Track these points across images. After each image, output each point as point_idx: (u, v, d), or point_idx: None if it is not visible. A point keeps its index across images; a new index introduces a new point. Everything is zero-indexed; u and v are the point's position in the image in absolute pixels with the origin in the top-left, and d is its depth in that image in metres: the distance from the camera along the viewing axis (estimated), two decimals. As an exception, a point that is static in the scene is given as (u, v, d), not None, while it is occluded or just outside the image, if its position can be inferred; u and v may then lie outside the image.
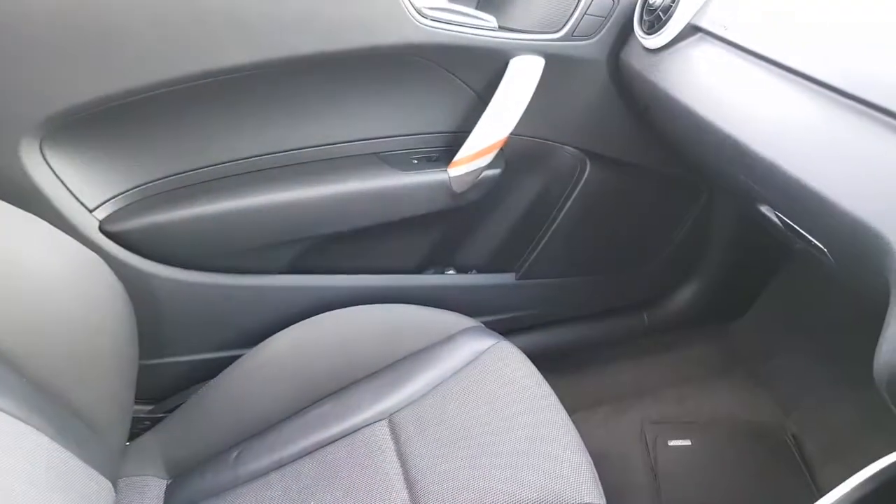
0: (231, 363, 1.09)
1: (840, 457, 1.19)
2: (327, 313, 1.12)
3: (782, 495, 1.17)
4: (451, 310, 1.15)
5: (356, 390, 1.05)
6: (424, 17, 0.99)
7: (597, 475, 0.85)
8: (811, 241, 0.85)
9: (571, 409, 0.94)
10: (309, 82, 1.03)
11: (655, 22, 1.04)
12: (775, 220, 0.93)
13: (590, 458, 0.87)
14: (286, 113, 1.05)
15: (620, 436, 1.36)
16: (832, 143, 0.76)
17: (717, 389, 1.48)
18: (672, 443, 1.32)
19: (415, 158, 1.17)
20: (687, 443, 1.32)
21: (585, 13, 1.07)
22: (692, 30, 1.01)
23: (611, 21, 1.10)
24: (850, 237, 0.73)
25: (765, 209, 0.95)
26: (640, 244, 1.46)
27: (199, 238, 1.07)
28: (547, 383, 0.98)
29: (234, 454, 1.03)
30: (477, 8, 1.09)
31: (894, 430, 1.00)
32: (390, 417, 0.99)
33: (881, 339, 0.66)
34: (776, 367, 1.49)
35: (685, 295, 1.57)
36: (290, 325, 1.10)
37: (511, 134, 1.13)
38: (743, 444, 1.33)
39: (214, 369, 1.11)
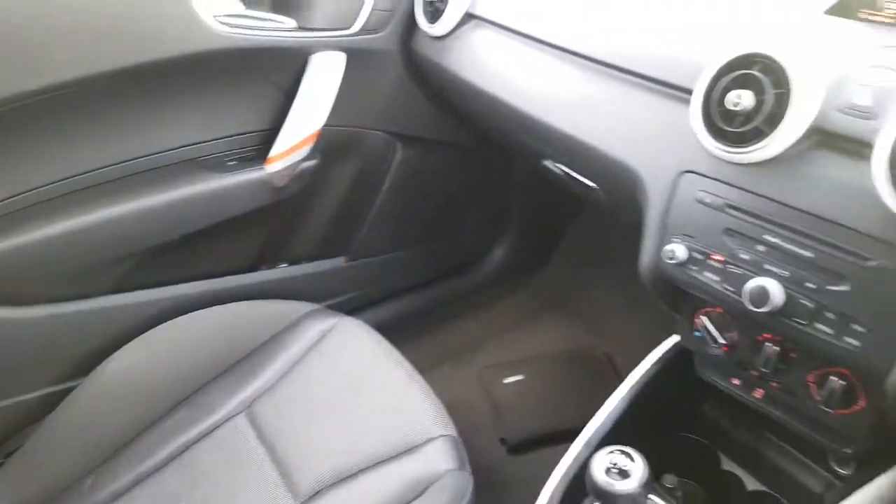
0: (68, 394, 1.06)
1: (642, 359, 1.42)
2: (164, 324, 1.12)
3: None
4: (294, 299, 1.20)
5: (209, 391, 1.07)
6: (221, 24, 1.03)
7: (446, 413, 0.96)
8: (586, 184, 1.03)
9: (420, 370, 1.04)
10: (118, 96, 1.02)
11: (436, 13, 1.16)
12: (557, 171, 1.10)
13: (439, 401, 0.98)
14: (98, 130, 1.04)
15: (464, 384, 1.50)
16: (591, 103, 0.94)
17: (538, 328, 1.67)
18: (507, 380, 1.49)
19: (232, 160, 1.20)
20: (520, 377, 1.50)
21: (374, 9, 1.17)
22: (469, 17, 1.15)
23: (397, 14, 1.21)
24: (613, 174, 0.90)
25: (548, 163, 1.12)
26: (456, 213, 1.60)
27: (12, 271, 1.02)
28: (394, 348, 1.08)
29: (89, 482, 1.01)
30: (274, 12, 1.14)
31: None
32: (248, 409, 1.03)
33: (641, 250, 0.84)
34: (583, 299, 1.71)
35: (500, 252, 1.75)
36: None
37: (324, 126, 1.20)
38: (566, 369, 1.53)
39: (52, 404, 1.07)
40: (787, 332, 0.74)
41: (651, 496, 0.85)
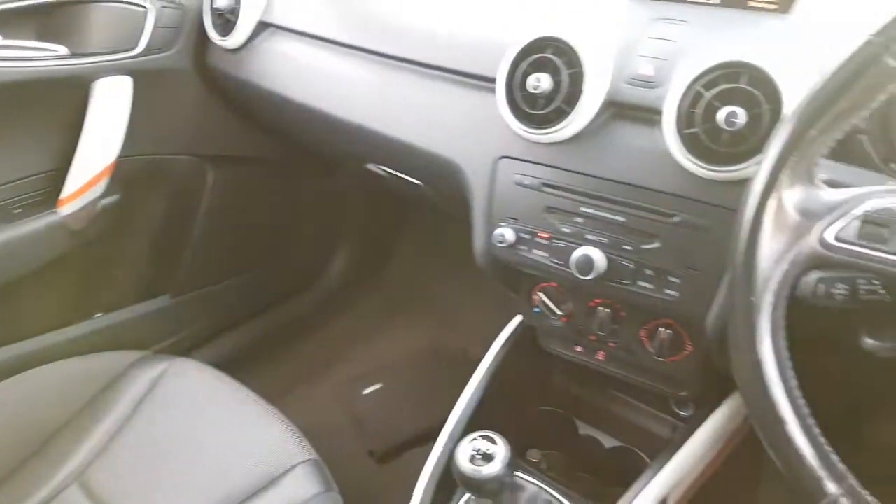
0: None
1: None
2: None
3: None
4: (116, 349, 1.09)
5: (30, 466, 0.95)
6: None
7: (304, 438, 0.91)
8: (412, 182, 1.03)
9: (271, 399, 0.98)
10: None
11: (227, 24, 1.10)
12: (382, 173, 1.09)
13: (294, 428, 0.93)
14: None
15: (321, 405, 1.45)
16: (399, 100, 0.93)
17: (390, 333, 1.66)
18: (366, 391, 1.46)
19: (18, 207, 1.06)
20: (378, 386, 1.47)
21: (157, 26, 1.08)
22: (263, 26, 1.10)
23: (185, 30, 1.13)
24: (434, 168, 0.91)
25: (371, 166, 1.11)
26: (285, 231, 1.54)
27: None
28: (238, 383, 1.01)
29: None
30: (41, 39, 1.02)
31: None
32: (80, 478, 0.92)
33: (473, 238, 0.86)
34: (430, 296, 1.72)
35: (338, 263, 1.71)
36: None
37: (119, 157, 1.10)
38: (423, 369, 1.53)
39: None
40: (615, 293, 0.78)
41: (517, 473, 0.88)
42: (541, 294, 0.88)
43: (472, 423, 0.91)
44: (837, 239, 0.48)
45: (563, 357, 0.96)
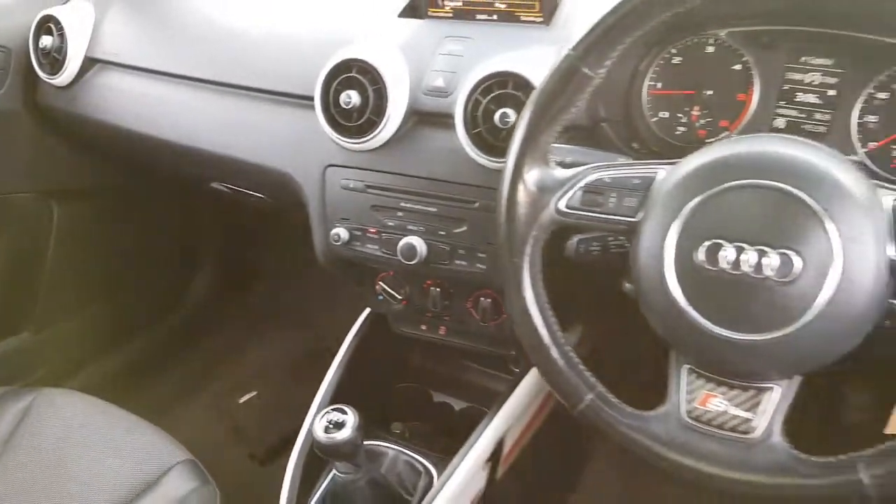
0: None
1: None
2: None
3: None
4: None
5: None
6: None
7: (178, 442, 0.98)
8: (254, 195, 1.11)
9: (148, 418, 1.03)
10: None
11: (55, 63, 1.13)
12: (225, 190, 1.17)
13: (166, 433, 0.99)
14: None
15: (199, 418, 1.50)
16: (229, 121, 1.02)
17: (260, 343, 1.72)
18: (242, 400, 1.52)
19: None
20: (253, 393, 1.54)
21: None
22: (91, 62, 1.14)
23: (11, 72, 1.15)
24: (271, 181, 1.00)
25: (215, 185, 1.18)
26: (144, 256, 1.56)
27: None
28: (111, 404, 1.04)
29: None
30: None
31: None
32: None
33: (314, 238, 0.96)
34: (296, 304, 1.79)
35: (202, 281, 1.75)
36: None
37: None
38: (293, 371, 1.61)
39: None
40: (438, 273, 0.92)
41: (379, 442, 1.00)
42: (381, 283, 1.00)
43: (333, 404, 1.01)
44: (567, 207, 0.63)
45: (413, 337, 1.09)
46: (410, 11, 0.96)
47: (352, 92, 0.87)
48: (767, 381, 0.59)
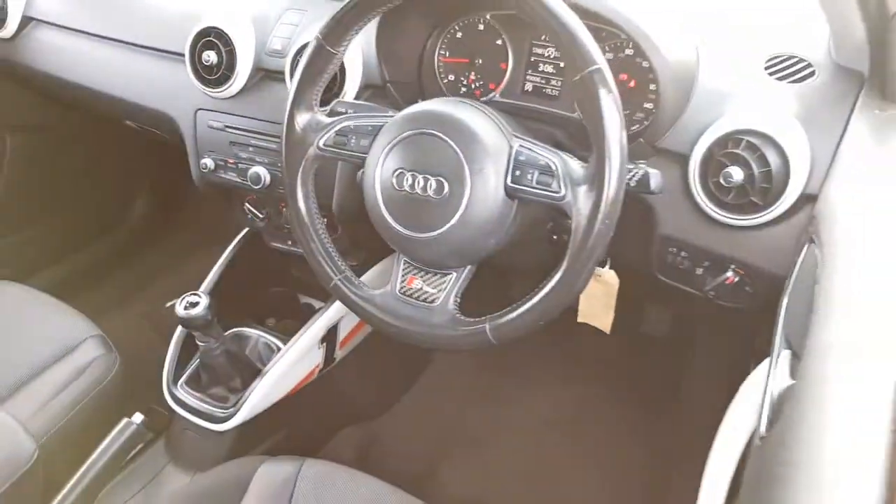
0: None
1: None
2: None
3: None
4: None
5: None
6: None
7: (92, 322, 1.25)
8: (153, 131, 1.38)
9: (90, 315, 1.28)
10: None
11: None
12: (135, 127, 1.43)
13: (84, 316, 1.26)
14: None
15: (132, 318, 1.78)
16: (129, 72, 1.27)
17: (192, 262, 2.00)
18: (167, 304, 1.82)
19: None
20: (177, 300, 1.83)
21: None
22: (28, 20, 1.39)
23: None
24: (161, 120, 1.26)
25: (128, 122, 1.44)
26: (89, 181, 1.83)
27: None
28: (41, 292, 1.32)
29: None
30: None
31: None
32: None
33: (190, 164, 1.23)
34: (208, 222, 2.02)
35: (143, 203, 2.01)
36: None
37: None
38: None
39: None
40: (282, 196, 1.19)
41: (246, 329, 1.28)
42: (247, 204, 1.28)
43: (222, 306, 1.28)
44: (325, 145, 0.89)
45: (281, 249, 1.36)
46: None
47: (210, 52, 1.12)
48: (445, 269, 0.86)
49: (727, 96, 0.86)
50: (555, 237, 0.97)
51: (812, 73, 0.84)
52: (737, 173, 0.79)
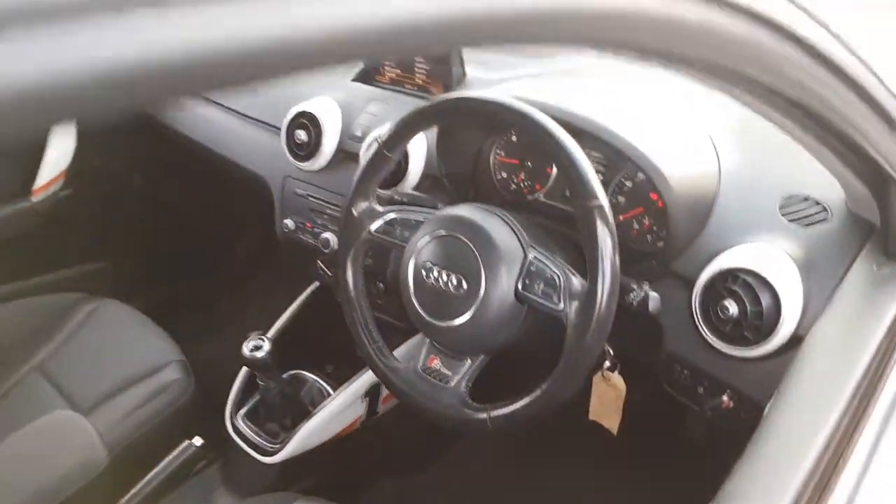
0: None
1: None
2: None
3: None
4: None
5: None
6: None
7: (177, 347, 1.45)
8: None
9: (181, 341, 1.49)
10: None
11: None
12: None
13: (172, 341, 1.46)
14: None
15: (220, 345, 2.00)
16: (240, 137, 1.48)
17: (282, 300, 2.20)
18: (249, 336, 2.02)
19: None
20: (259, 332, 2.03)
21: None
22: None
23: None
24: (256, 181, 1.45)
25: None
26: (198, 220, 2.07)
27: None
28: (142, 315, 1.53)
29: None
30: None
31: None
32: (40, 368, 1.46)
33: (276, 222, 1.41)
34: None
35: (244, 245, 2.25)
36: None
37: (70, 164, 1.64)
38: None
39: None
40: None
41: (303, 371, 1.43)
42: (319, 262, 1.44)
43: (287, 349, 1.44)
44: (376, 231, 1.02)
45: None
46: (361, 77, 1.37)
47: (302, 131, 1.29)
48: (462, 355, 0.96)
49: (738, 230, 0.92)
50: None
51: (825, 219, 0.89)
52: (732, 307, 0.84)
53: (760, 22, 0.45)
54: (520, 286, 0.88)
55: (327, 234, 1.31)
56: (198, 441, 1.31)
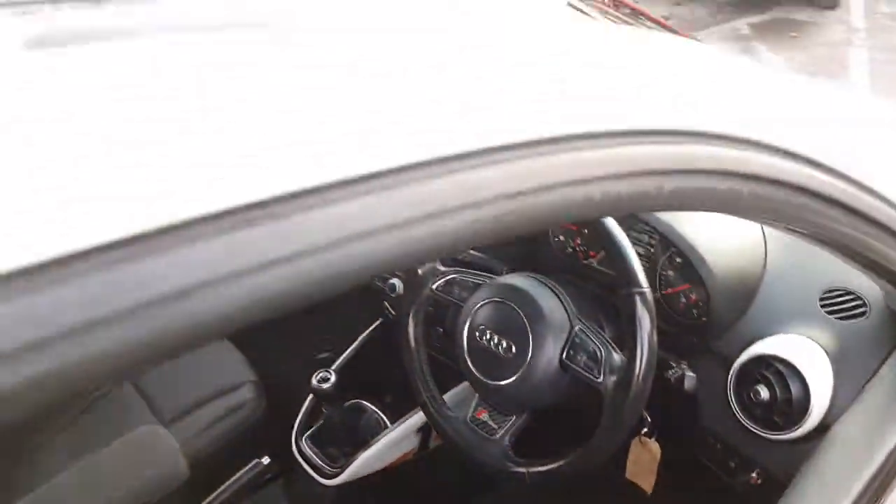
0: None
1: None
2: None
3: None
4: None
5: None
6: None
7: (251, 369, 1.59)
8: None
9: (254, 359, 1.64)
10: None
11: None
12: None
13: (247, 363, 1.60)
14: None
15: (295, 366, 2.14)
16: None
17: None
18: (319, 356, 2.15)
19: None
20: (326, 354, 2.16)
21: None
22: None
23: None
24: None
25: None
26: None
27: None
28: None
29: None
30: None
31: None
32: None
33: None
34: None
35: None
36: None
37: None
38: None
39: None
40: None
41: (364, 401, 1.54)
42: (386, 303, 1.55)
43: (350, 379, 1.55)
44: (436, 289, 1.12)
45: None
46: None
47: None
48: (509, 411, 1.05)
49: (778, 318, 0.97)
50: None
51: (863, 314, 0.93)
52: (763, 392, 0.90)
53: (805, 193, 0.53)
54: (564, 356, 0.96)
55: (394, 280, 1.42)
56: (265, 460, 1.43)
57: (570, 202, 0.39)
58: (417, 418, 1.45)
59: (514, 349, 0.99)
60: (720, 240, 1.02)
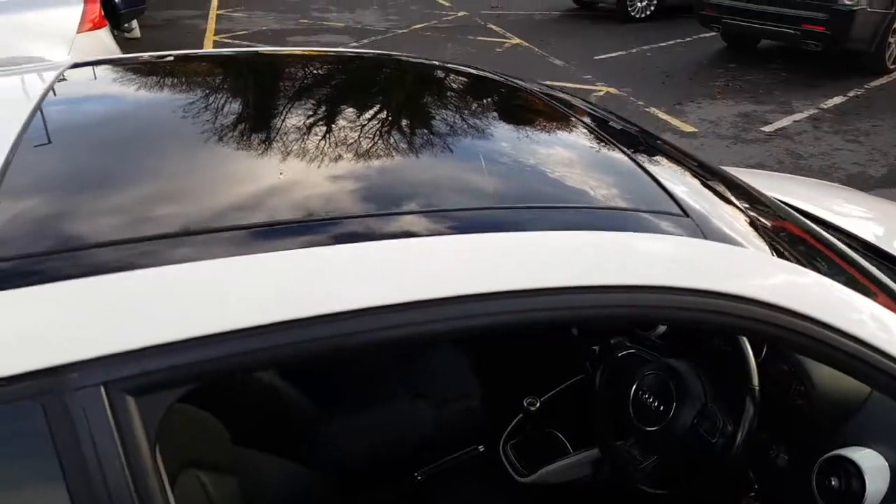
0: None
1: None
2: None
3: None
4: None
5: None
6: None
7: None
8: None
9: None
10: None
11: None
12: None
13: None
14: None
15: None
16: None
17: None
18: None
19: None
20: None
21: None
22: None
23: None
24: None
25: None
26: None
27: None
28: None
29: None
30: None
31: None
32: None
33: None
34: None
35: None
36: None
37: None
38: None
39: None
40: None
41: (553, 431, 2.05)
42: (586, 362, 2.05)
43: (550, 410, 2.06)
44: (621, 356, 1.61)
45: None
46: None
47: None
48: (649, 449, 1.50)
49: (871, 433, 1.30)
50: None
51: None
52: (835, 481, 1.25)
53: None
54: (694, 422, 1.41)
55: (596, 347, 1.92)
56: (481, 447, 2.01)
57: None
58: (592, 453, 1.92)
59: (661, 409, 1.45)
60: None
